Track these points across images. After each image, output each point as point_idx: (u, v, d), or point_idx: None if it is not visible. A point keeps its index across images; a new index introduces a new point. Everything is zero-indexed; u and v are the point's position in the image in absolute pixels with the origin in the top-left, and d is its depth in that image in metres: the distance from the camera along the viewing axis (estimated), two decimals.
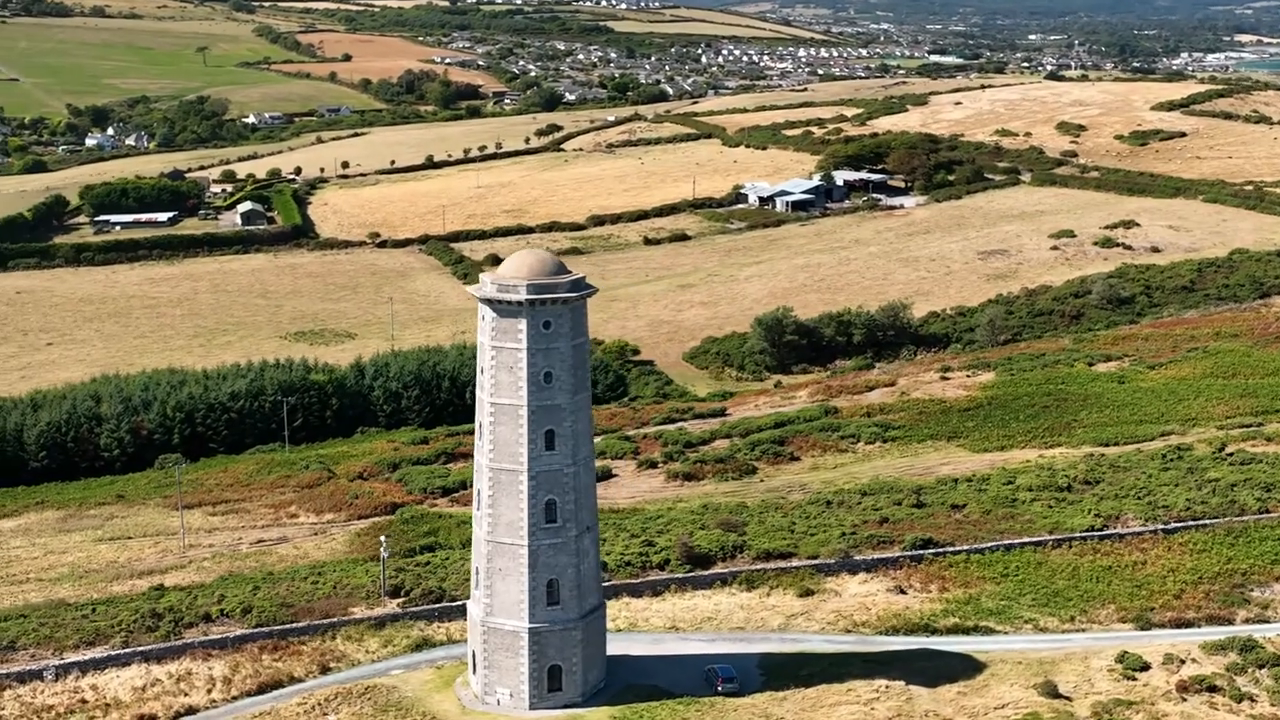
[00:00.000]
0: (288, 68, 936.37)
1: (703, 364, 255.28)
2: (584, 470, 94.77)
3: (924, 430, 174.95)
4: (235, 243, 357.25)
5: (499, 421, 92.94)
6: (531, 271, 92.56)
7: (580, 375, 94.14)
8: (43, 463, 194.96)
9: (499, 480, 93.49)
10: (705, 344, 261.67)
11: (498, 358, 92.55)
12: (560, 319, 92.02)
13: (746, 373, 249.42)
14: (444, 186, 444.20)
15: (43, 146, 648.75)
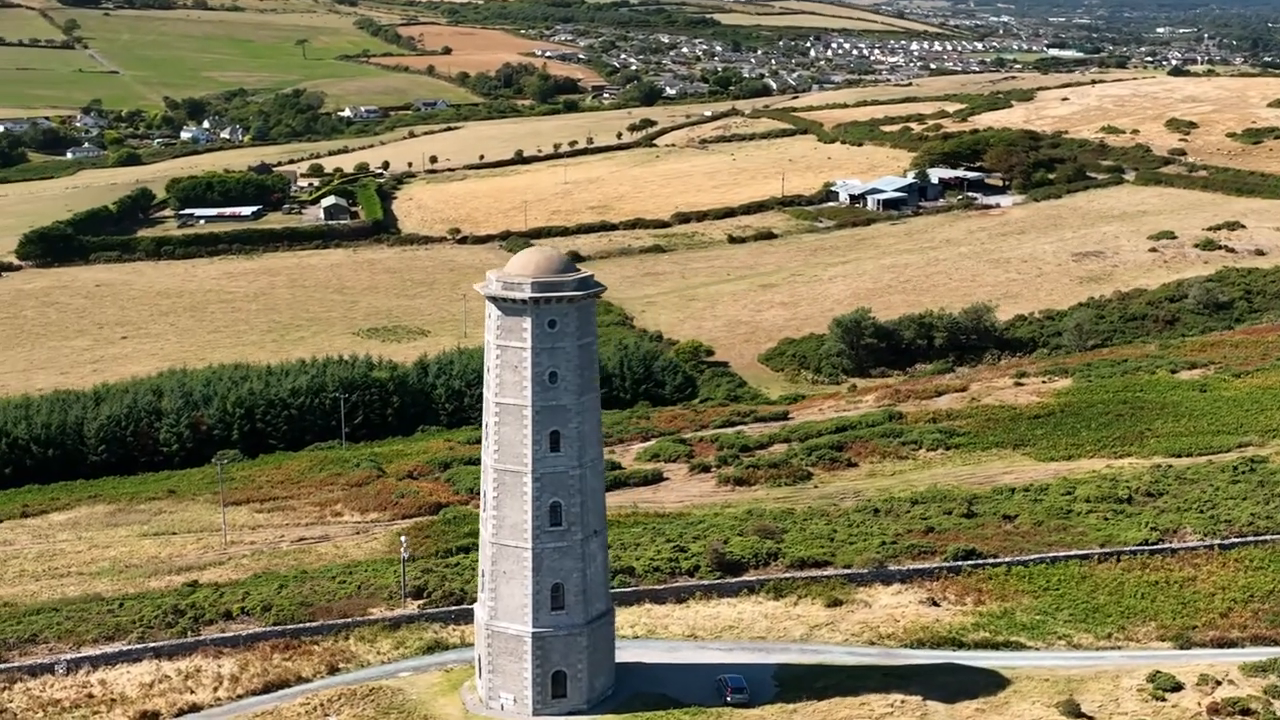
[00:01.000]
0: (386, 61, 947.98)
1: (778, 366, 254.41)
2: (591, 473, 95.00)
3: (989, 437, 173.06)
4: (315, 237, 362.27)
5: (504, 422, 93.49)
6: (538, 269, 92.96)
7: (587, 376, 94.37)
8: (102, 456, 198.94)
9: (503, 481, 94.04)
10: (782, 345, 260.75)
11: (503, 357, 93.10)
12: (566, 318, 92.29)
13: (823, 376, 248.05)
14: (531, 182, 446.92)
15: (138, 139, 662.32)
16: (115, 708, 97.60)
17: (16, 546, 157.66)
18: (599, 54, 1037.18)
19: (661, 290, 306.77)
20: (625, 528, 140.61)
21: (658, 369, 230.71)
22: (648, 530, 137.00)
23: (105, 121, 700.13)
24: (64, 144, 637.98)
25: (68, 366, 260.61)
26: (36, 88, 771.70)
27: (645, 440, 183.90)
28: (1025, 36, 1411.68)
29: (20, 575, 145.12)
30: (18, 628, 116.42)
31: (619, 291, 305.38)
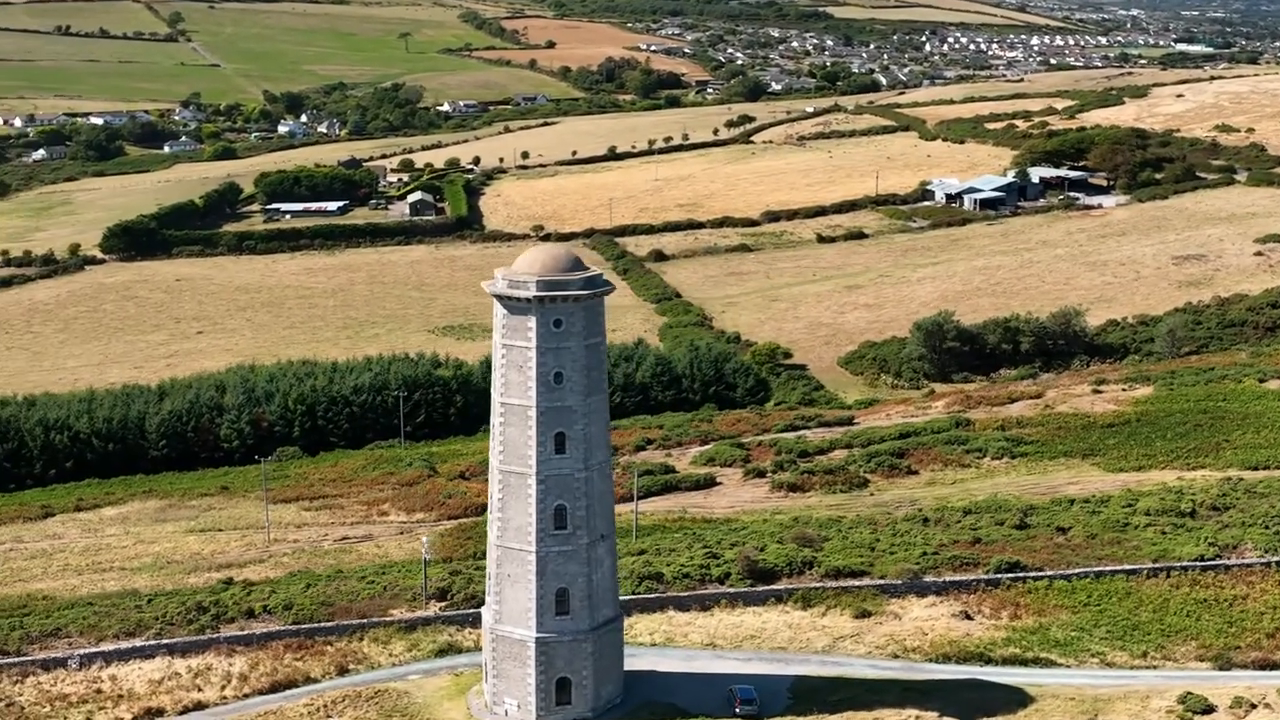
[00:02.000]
0: (489, 55, 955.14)
1: (857, 370, 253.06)
2: (598, 476, 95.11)
3: (1058, 446, 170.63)
4: (398, 233, 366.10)
5: (509, 422, 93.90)
6: (544, 267, 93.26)
7: (595, 377, 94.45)
8: (162, 451, 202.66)
9: (508, 483, 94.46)
10: (862, 349, 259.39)
11: (508, 356, 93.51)
12: (572, 317, 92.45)
13: (903, 380, 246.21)
14: (622, 179, 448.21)
15: (235, 133, 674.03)
16: (121, 704, 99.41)
17: (65, 540, 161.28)
18: (705, 48, 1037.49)
19: (744, 290, 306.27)
20: (667, 533, 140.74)
21: (729, 371, 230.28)
22: (688, 536, 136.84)
23: (204, 115, 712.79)
24: (162, 137, 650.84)
25: (142, 361, 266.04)
26: (138, 81, 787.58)
27: (704, 444, 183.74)
28: (1153, 31, 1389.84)
29: (64, 569, 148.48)
30: (46, 621, 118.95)
31: (700, 291, 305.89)
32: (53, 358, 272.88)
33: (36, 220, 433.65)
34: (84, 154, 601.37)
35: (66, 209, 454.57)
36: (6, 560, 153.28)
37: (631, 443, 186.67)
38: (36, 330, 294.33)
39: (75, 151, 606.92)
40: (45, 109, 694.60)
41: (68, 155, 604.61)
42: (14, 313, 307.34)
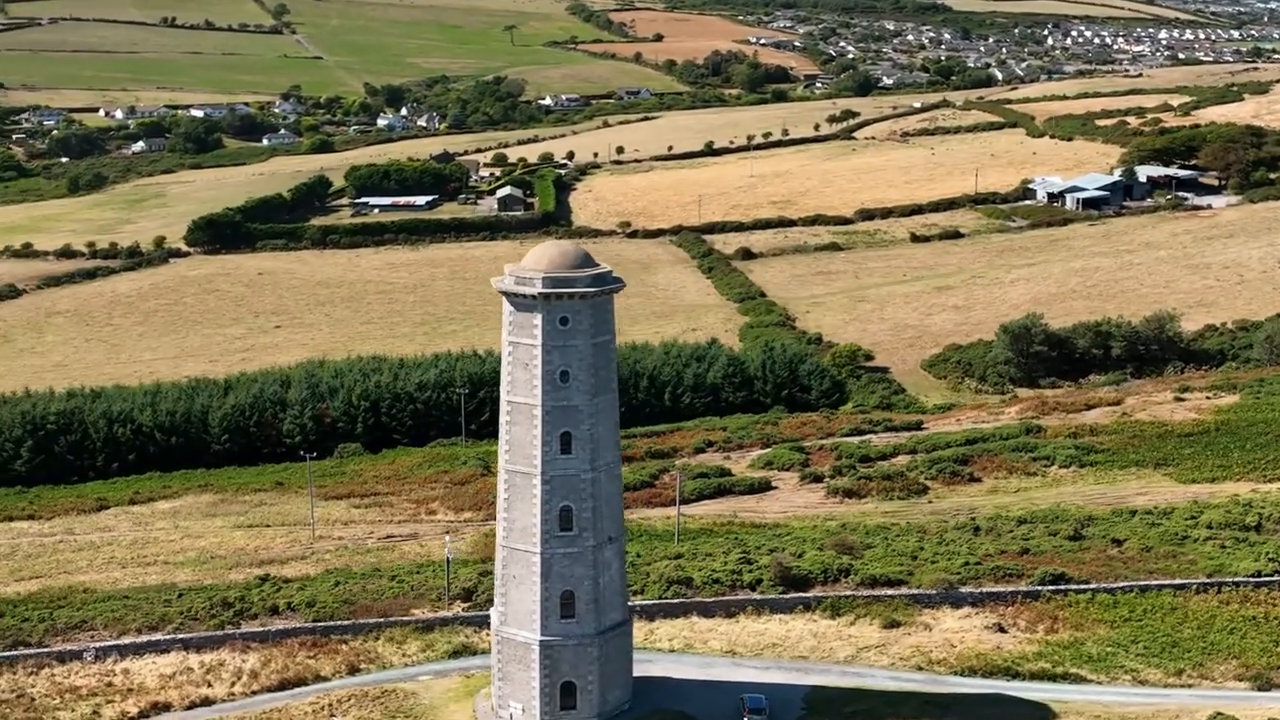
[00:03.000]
0: (594, 48, 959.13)
1: (941, 373, 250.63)
2: (606, 477, 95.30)
3: (1130, 455, 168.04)
4: (483, 229, 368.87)
5: (514, 421, 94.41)
6: (551, 263, 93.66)
7: (602, 376, 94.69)
8: (225, 446, 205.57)
9: (514, 483, 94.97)
10: (947, 352, 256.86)
11: (514, 354, 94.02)
12: (579, 315, 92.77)
13: (988, 385, 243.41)
14: (717, 175, 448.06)
15: (334, 126, 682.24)
16: (130, 698, 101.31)
17: (115, 533, 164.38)
18: (817, 41, 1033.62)
19: (831, 290, 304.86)
20: (711, 537, 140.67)
21: (804, 373, 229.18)
22: (729, 540, 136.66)
23: (303, 108, 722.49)
24: (260, 130, 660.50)
25: (217, 354, 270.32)
26: (239, 73, 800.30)
27: (765, 446, 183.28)
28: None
29: (109, 562, 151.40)
30: (73, 614, 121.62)
31: (785, 291, 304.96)
32: (130, 350, 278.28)
33: (128, 213, 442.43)
34: (182, 146, 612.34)
35: (159, 201, 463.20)
36: (55, 552, 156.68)
37: (691, 445, 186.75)
38: (117, 323, 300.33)
39: (174, 144, 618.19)
40: (147, 101, 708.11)
41: (166, 147, 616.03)
42: (96, 305, 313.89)
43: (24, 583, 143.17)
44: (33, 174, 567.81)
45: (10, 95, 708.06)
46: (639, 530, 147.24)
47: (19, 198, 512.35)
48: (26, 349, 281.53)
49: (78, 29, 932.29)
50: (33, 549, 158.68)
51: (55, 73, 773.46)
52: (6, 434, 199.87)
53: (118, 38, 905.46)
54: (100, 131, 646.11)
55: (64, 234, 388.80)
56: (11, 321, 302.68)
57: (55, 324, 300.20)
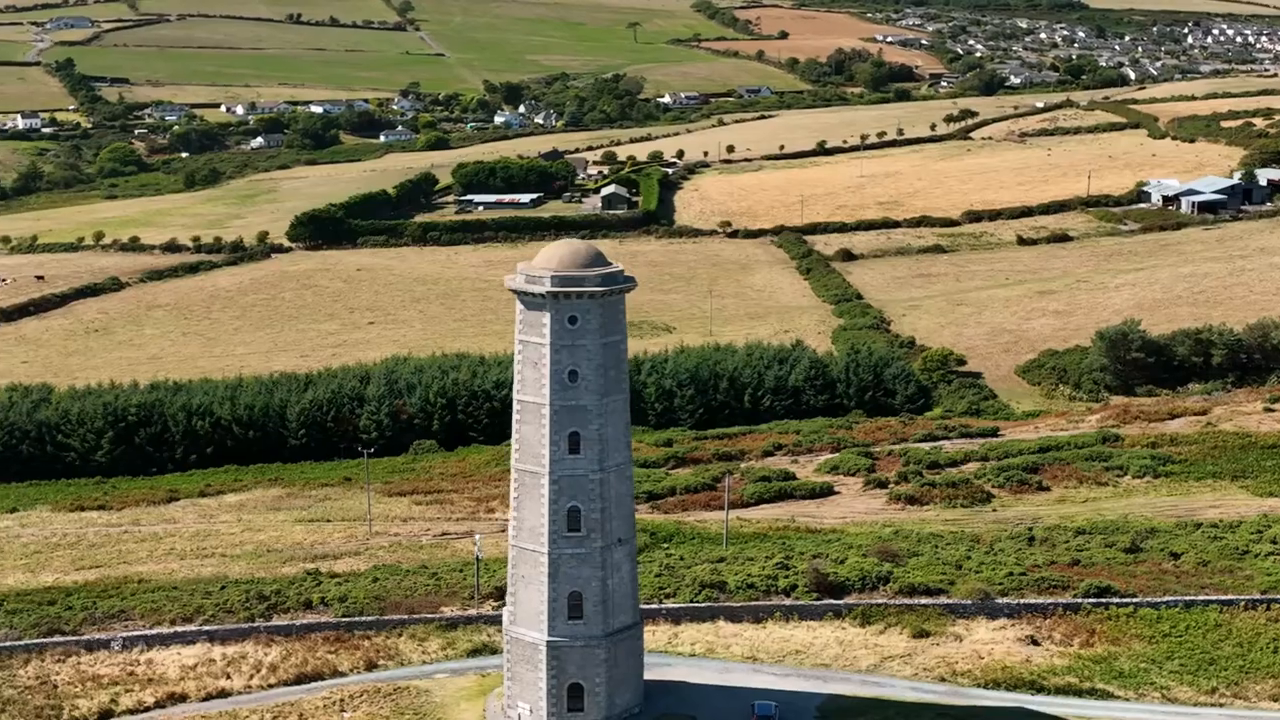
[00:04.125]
0: (717, 45, 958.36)
1: (1035, 379, 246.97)
2: (615, 478, 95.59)
3: (1207, 467, 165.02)
4: (583, 227, 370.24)
5: (524, 420, 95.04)
6: (561, 263, 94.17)
7: (613, 376, 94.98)
8: (302, 440, 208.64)
9: (523, 482, 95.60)
10: (1042, 357, 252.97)
11: (524, 352, 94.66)
12: (588, 315, 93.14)
13: (1082, 391, 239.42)
14: (826, 175, 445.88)
15: (452, 123, 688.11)
16: (149, 687, 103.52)
17: (179, 525, 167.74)
18: (945, 39, 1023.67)
19: (930, 293, 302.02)
20: (760, 541, 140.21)
21: (888, 377, 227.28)
22: (776, 545, 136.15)
23: (421, 105, 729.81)
24: (378, 126, 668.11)
25: (309, 349, 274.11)
26: (361, 70, 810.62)
27: (835, 451, 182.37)
28: None
29: (168, 553, 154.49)
30: (118, 603, 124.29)
31: (883, 293, 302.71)
32: (225, 344, 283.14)
33: (239, 208, 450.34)
34: (300, 142, 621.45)
35: (270, 197, 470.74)
36: (119, 542, 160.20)
37: (760, 448, 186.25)
38: (214, 316, 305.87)
39: (291, 140, 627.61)
40: (268, 97, 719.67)
41: (284, 144, 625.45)
42: (195, 299, 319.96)
43: (83, 572, 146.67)
44: (153, 169, 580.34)
45: (135, 91, 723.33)
46: (692, 533, 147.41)
47: (137, 192, 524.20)
48: (125, 341, 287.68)
49: (204, 25, 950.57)
50: (98, 539, 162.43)
51: (180, 68, 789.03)
52: (89, 425, 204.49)
53: (243, 34, 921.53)
54: (220, 127, 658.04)
55: (174, 228, 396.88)
56: (113, 314, 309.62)
57: (154, 317, 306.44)
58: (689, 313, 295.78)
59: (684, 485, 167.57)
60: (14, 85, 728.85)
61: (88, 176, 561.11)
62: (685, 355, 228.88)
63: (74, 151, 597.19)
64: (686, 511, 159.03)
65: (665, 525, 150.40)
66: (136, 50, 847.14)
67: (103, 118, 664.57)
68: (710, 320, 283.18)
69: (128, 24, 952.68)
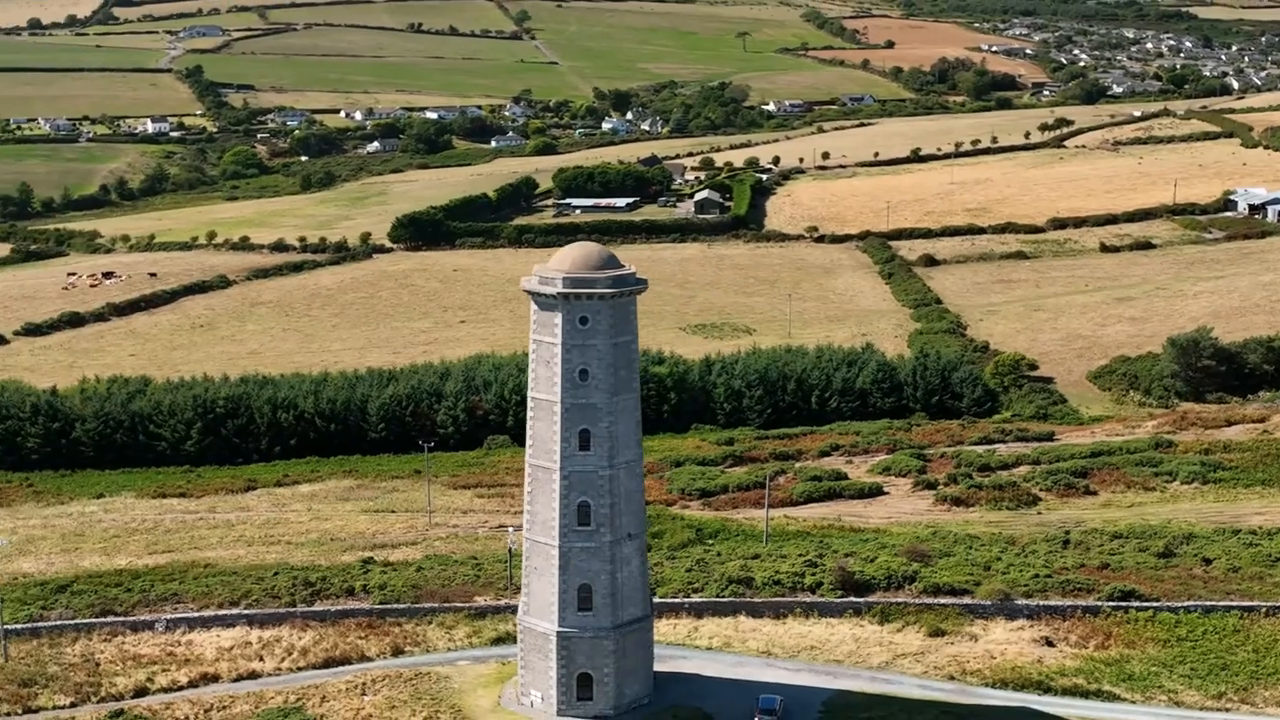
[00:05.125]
0: (824, 54, 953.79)
1: (1106, 385, 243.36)
2: (625, 475, 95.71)
3: (1257, 474, 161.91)
4: (674, 231, 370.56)
5: (537, 417, 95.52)
6: (573, 264, 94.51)
7: (623, 376, 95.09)
8: (381, 434, 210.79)
9: (536, 477, 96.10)
10: (1114, 363, 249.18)
11: (537, 351, 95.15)
12: (598, 315, 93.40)
13: (1152, 398, 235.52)
14: (917, 181, 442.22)
15: (560, 129, 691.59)
16: (184, 667, 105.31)
17: (252, 513, 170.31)
18: (1050, 49, 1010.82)
19: (1008, 299, 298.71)
20: (800, 539, 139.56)
21: (956, 380, 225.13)
22: (814, 543, 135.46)
23: (532, 111, 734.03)
24: (489, 132, 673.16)
25: (401, 346, 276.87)
26: (476, 77, 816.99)
27: (890, 451, 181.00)
28: None
29: (238, 540, 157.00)
30: (178, 586, 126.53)
31: (962, 298, 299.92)
32: (322, 340, 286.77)
33: (349, 209, 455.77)
34: (414, 147, 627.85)
35: (380, 199, 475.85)
36: (193, 528, 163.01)
37: (817, 448, 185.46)
38: (314, 314, 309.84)
39: (406, 144, 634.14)
40: (385, 103, 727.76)
41: (399, 148, 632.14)
42: (297, 296, 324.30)
43: (155, 556, 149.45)
44: (273, 171, 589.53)
45: (259, 96, 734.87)
46: (737, 529, 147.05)
47: (256, 194, 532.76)
48: (227, 336, 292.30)
49: (329, 34, 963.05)
50: (174, 525, 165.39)
51: (303, 75, 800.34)
52: (179, 416, 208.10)
53: (365, 42, 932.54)
54: (339, 132, 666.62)
55: (286, 229, 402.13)
56: (218, 310, 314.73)
57: (257, 314, 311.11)
58: (770, 315, 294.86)
59: (736, 483, 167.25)
60: (146, 91, 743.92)
61: (211, 179, 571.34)
62: (754, 357, 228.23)
63: (199, 155, 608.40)
64: (737, 509, 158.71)
65: (712, 522, 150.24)
66: (263, 58, 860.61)
67: (227, 122, 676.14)
68: (789, 323, 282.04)
69: (256, 33, 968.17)
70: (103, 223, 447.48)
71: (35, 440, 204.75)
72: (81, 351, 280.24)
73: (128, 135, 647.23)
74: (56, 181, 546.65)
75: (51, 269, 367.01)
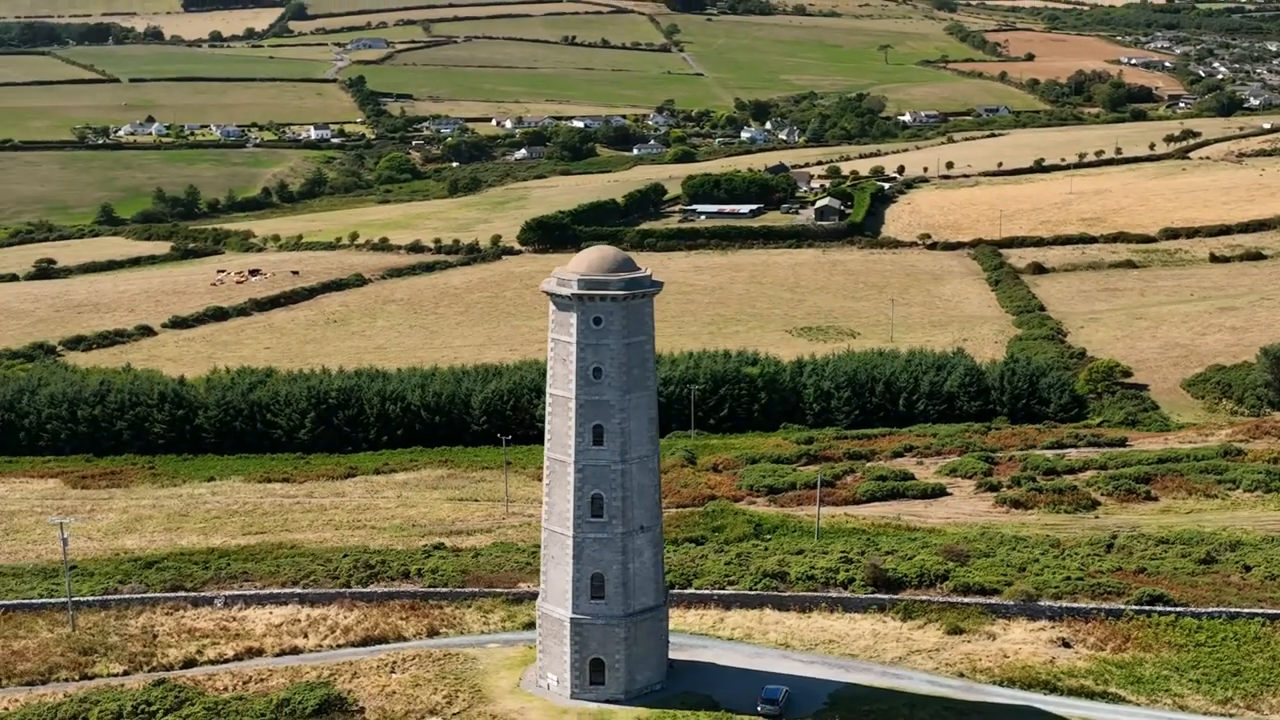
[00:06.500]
0: (963, 66, 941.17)
1: (1199, 393, 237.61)
2: (638, 469, 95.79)
3: None
4: (790, 236, 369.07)
5: (554, 412, 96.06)
6: (589, 267, 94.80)
7: (636, 374, 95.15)
8: (483, 426, 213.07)
9: (553, 470, 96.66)
10: (1209, 372, 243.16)
11: (554, 350, 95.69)
12: (611, 316, 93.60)
13: (1244, 406, 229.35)
14: (1037, 191, 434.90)
15: (700, 138, 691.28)
16: (234, 641, 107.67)
17: (346, 499, 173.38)
18: (1190, 61, 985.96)
19: (1112, 307, 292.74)
20: (849, 536, 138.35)
21: (1043, 386, 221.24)
22: (859, 540, 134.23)
23: (674, 120, 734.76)
24: (631, 140, 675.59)
25: (519, 344, 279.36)
26: (622, 88, 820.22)
27: (961, 454, 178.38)
28: None
29: (327, 524, 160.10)
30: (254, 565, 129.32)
31: (1065, 306, 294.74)
32: (445, 337, 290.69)
33: (489, 213, 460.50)
34: (559, 154, 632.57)
35: (519, 204, 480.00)
36: (288, 511, 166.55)
37: (891, 449, 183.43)
38: (441, 312, 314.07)
39: (551, 152, 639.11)
40: (535, 112, 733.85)
41: (544, 155, 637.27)
42: (427, 295, 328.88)
43: (248, 536, 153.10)
44: (424, 176, 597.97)
45: (417, 106, 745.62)
46: (795, 526, 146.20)
47: (407, 197, 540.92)
48: (357, 332, 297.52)
49: (487, 46, 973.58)
50: (271, 508, 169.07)
51: (459, 86, 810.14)
52: (294, 406, 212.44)
53: (520, 54, 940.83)
54: (489, 139, 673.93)
55: (426, 231, 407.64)
56: (352, 307, 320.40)
57: (388, 311, 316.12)
58: (874, 319, 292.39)
59: (804, 481, 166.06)
60: (312, 100, 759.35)
61: (366, 183, 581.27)
62: (844, 359, 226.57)
63: (356, 160, 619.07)
64: (801, 506, 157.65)
65: (772, 518, 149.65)
66: (423, 69, 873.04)
67: (385, 130, 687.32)
68: (892, 327, 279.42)
69: (419, 45, 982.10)
70: (259, 223, 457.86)
71: (161, 426, 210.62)
72: (221, 344, 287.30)
73: (292, 141, 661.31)
74: (223, 184, 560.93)
75: (204, 266, 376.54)
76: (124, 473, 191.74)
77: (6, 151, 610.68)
